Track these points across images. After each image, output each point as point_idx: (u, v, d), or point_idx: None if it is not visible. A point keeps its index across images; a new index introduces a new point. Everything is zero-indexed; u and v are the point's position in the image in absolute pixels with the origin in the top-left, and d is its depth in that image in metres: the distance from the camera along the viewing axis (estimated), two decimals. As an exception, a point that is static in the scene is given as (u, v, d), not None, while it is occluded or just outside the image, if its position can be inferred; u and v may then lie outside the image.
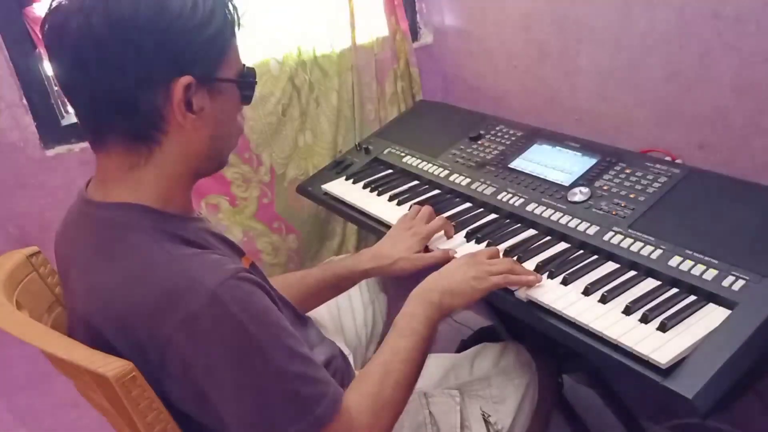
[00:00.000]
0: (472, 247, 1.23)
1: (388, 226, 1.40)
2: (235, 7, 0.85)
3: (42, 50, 1.41)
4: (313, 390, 0.80)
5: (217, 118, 0.85)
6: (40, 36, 0.81)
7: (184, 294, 0.75)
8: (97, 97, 0.79)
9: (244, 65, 0.89)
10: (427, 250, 1.26)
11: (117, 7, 0.75)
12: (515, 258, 1.16)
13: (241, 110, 0.92)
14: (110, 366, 0.71)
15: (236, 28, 0.86)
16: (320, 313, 1.37)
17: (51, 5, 0.79)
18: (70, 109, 1.51)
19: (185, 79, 0.79)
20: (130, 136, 0.82)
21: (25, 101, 1.44)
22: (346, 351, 1.28)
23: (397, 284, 1.40)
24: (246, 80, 0.89)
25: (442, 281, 1.04)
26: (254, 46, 1.60)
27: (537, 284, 1.06)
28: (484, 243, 1.23)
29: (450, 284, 1.03)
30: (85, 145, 1.49)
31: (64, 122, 1.52)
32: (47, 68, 1.46)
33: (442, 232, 1.27)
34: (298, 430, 0.78)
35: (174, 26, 0.77)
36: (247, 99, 0.90)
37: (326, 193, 1.59)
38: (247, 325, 0.76)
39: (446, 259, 1.20)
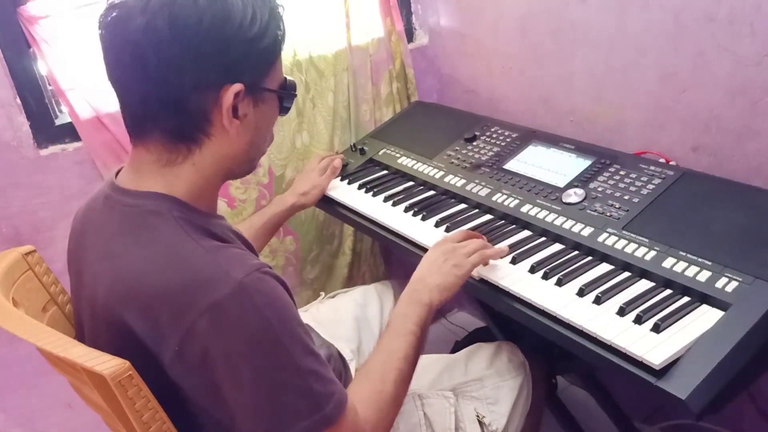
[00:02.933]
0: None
1: (383, 228, 1.41)
2: (284, 24, 0.89)
3: (36, 50, 1.41)
4: (324, 388, 0.81)
5: (257, 125, 0.89)
6: (97, 27, 0.83)
7: (210, 282, 0.76)
8: (150, 94, 0.82)
9: (285, 78, 0.92)
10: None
11: (182, 12, 0.78)
12: (511, 258, 1.16)
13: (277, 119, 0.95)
14: (107, 365, 0.71)
15: (282, 44, 0.89)
16: (341, 321, 1.42)
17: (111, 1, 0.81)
18: (64, 108, 1.50)
19: (237, 86, 0.82)
20: (174, 135, 0.84)
21: (18, 100, 1.43)
22: (349, 356, 1.28)
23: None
24: (288, 92, 0.92)
25: (428, 279, 1.08)
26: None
27: (503, 256, 1.17)
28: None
29: (436, 280, 1.07)
30: (79, 144, 1.49)
31: (58, 122, 1.51)
32: (41, 68, 1.45)
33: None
34: (306, 427, 0.79)
35: (233, 36, 0.80)
36: (285, 110, 0.94)
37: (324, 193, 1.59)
38: (269, 318, 0.77)
39: (334, 164, 1.60)
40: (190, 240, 0.81)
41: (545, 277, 1.10)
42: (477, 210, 1.38)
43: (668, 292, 1.02)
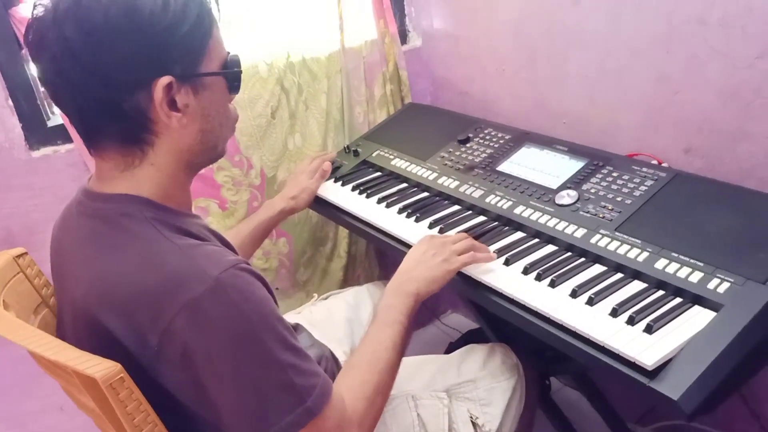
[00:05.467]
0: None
1: (377, 229, 1.41)
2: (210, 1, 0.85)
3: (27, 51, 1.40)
4: (305, 381, 0.81)
5: (204, 112, 0.86)
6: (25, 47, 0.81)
7: (187, 280, 0.76)
8: (82, 105, 0.80)
9: (228, 53, 0.88)
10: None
11: (87, 15, 0.75)
12: (504, 260, 1.16)
13: (233, 98, 0.92)
14: (98, 367, 0.70)
15: (215, 18, 0.85)
16: (333, 322, 1.41)
17: (30, 18, 0.80)
18: (56, 109, 1.50)
19: (164, 80, 0.79)
20: (121, 140, 0.83)
21: (10, 102, 1.42)
22: (342, 358, 1.28)
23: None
24: (230, 71, 0.88)
25: (415, 271, 1.09)
26: (242, 49, 1.60)
27: (493, 260, 1.16)
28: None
29: (423, 273, 1.08)
30: (72, 146, 1.49)
31: (50, 123, 1.50)
32: (33, 69, 1.45)
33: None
34: (290, 421, 0.79)
35: (146, 28, 0.77)
36: (234, 89, 0.91)
37: (315, 196, 1.59)
38: (246, 314, 0.77)
39: (323, 168, 1.58)
40: (164, 239, 0.80)
41: (538, 278, 1.10)
42: (470, 211, 1.38)
43: (661, 293, 1.02)
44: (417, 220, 1.38)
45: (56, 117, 1.51)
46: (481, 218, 1.35)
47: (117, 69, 0.77)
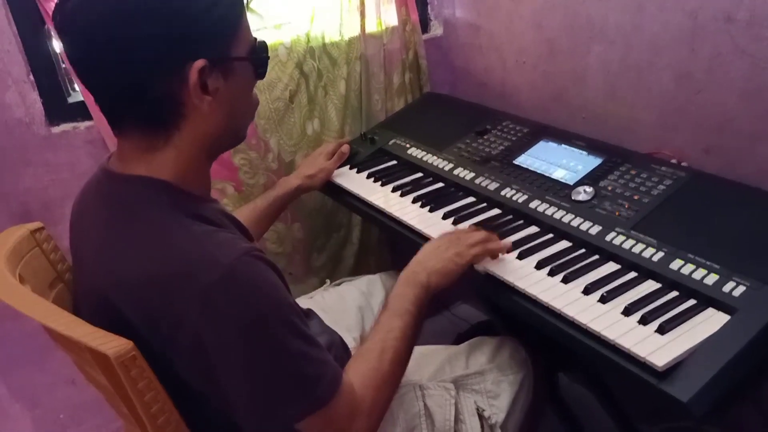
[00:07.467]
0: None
1: (390, 218, 1.41)
2: None
3: (51, 27, 1.41)
4: (314, 370, 0.81)
5: (232, 96, 0.87)
6: (53, 24, 0.81)
7: (199, 268, 0.76)
8: (111, 85, 0.81)
9: (255, 39, 0.89)
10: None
11: None
12: (517, 254, 1.16)
13: (255, 84, 0.93)
14: (111, 344, 0.71)
15: (242, 6, 0.86)
16: (345, 309, 1.42)
17: None
18: (77, 86, 1.50)
19: (199, 63, 0.80)
20: (147, 121, 0.83)
21: (32, 77, 1.43)
22: (352, 345, 1.29)
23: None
24: (259, 56, 0.89)
25: (428, 262, 1.09)
26: (262, 31, 1.60)
27: (506, 252, 1.16)
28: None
29: (435, 265, 1.08)
30: (91, 123, 1.49)
31: (71, 100, 1.51)
32: (55, 45, 1.45)
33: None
34: (299, 409, 0.80)
35: (182, 10, 0.78)
36: (261, 74, 0.92)
37: (330, 182, 1.59)
38: (258, 302, 0.77)
39: (342, 150, 1.59)
40: (179, 226, 0.80)
41: (551, 274, 1.10)
42: (485, 204, 1.37)
43: (675, 294, 1.01)
44: (431, 210, 1.37)
45: (77, 94, 1.52)
46: (496, 211, 1.34)
47: (150, 51, 0.77)
